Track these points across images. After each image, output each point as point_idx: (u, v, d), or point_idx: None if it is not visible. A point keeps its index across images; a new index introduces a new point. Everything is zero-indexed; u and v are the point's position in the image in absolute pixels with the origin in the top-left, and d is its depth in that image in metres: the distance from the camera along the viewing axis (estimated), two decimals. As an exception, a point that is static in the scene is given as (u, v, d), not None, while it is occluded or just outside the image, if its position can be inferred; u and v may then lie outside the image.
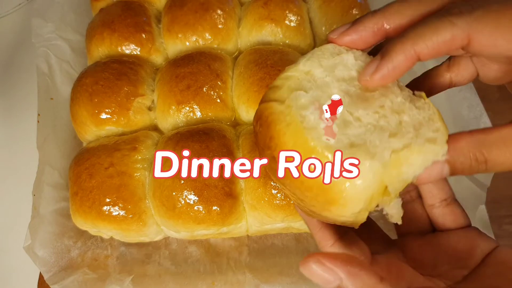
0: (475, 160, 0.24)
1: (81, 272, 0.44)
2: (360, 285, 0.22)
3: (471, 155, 0.24)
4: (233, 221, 0.42)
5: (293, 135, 0.24)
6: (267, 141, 0.25)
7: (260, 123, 0.26)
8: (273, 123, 0.25)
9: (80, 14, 0.60)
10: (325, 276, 0.23)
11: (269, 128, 0.25)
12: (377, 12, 0.26)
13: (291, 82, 0.26)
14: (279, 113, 0.25)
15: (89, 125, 0.48)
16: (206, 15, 0.52)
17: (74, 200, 0.44)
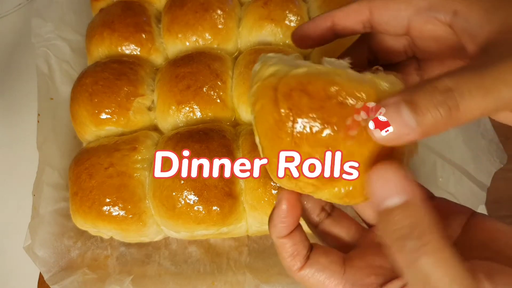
0: (437, 90, 0.20)
1: (81, 272, 0.44)
2: (422, 215, 0.19)
3: (430, 85, 0.20)
4: (233, 221, 0.42)
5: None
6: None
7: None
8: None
9: (80, 14, 0.60)
10: (393, 185, 0.20)
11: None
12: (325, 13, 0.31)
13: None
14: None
15: (89, 125, 0.48)
16: (206, 15, 0.52)
17: (74, 200, 0.44)
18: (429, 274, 0.19)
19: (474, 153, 0.47)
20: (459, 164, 0.47)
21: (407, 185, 0.20)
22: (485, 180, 0.46)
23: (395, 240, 0.19)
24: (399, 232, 0.19)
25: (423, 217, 0.19)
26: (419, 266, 0.19)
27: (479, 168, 0.47)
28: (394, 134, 0.20)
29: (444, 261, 0.19)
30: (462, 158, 0.47)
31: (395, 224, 0.19)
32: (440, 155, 0.48)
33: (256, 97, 0.25)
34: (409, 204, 0.19)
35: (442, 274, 0.19)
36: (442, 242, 0.19)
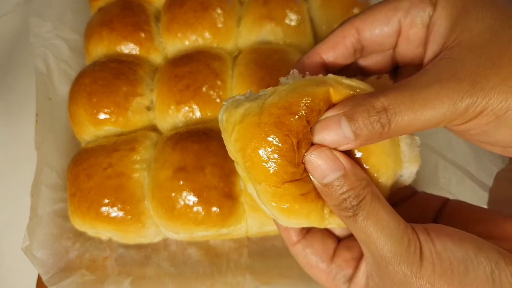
0: (373, 108, 0.22)
1: (79, 274, 0.44)
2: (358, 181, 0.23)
3: (367, 102, 0.23)
4: (233, 222, 0.42)
5: None
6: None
7: None
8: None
9: (79, 13, 0.60)
10: (327, 165, 0.23)
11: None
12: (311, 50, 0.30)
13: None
14: None
15: (87, 125, 0.47)
16: (206, 14, 0.51)
17: (72, 201, 0.44)
18: (366, 226, 0.23)
19: (475, 153, 0.47)
20: (461, 165, 0.47)
21: (337, 162, 0.23)
22: (487, 180, 0.46)
23: (338, 205, 0.24)
24: (340, 197, 0.23)
25: (356, 182, 0.23)
26: (358, 221, 0.23)
27: (481, 168, 0.46)
28: (331, 142, 0.23)
29: (377, 212, 0.23)
30: (464, 158, 0.47)
31: (336, 192, 0.23)
32: (441, 156, 0.48)
33: (242, 142, 0.24)
34: (343, 176, 0.23)
35: (375, 224, 0.22)
36: (376, 197, 0.23)
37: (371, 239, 0.23)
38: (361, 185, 0.23)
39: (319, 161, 0.23)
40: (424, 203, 0.30)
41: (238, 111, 0.25)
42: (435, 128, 0.52)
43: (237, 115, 0.25)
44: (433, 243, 0.22)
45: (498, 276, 0.21)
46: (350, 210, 0.23)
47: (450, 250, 0.22)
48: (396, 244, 0.22)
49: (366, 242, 0.23)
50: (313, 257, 0.29)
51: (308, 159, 0.24)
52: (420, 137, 0.31)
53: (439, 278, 0.21)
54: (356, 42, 0.28)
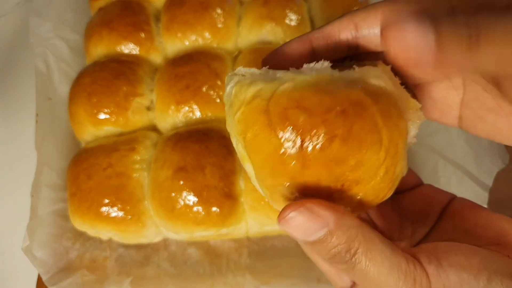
0: (467, 36, 0.19)
1: (79, 274, 0.44)
2: (347, 234, 0.21)
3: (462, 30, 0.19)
4: (233, 222, 0.42)
5: None
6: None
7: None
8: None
9: (79, 13, 0.59)
10: (308, 225, 0.21)
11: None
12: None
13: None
14: None
15: (87, 125, 0.47)
16: (206, 14, 0.51)
17: (72, 201, 0.44)
18: (368, 272, 0.21)
19: (476, 153, 0.47)
20: (461, 164, 0.47)
21: (318, 220, 0.21)
22: (487, 180, 0.46)
23: (331, 259, 0.22)
24: (332, 253, 0.21)
25: (345, 234, 0.21)
26: (357, 273, 0.21)
27: (481, 168, 0.46)
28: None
29: (377, 257, 0.21)
30: (464, 158, 0.47)
31: (325, 249, 0.21)
32: (442, 155, 0.48)
33: (244, 125, 0.22)
34: (328, 234, 0.21)
35: (377, 268, 0.21)
36: (369, 243, 0.21)
37: (376, 284, 0.21)
38: (351, 237, 0.21)
39: (297, 222, 0.21)
40: (430, 197, 0.29)
41: (250, 89, 0.23)
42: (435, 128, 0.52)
43: (247, 94, 0.23)
44: (446, 275, 0.21)
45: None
46: (345, 264, 0.21)
47: (464, 281, 0.20)
48: (403, 286, 0.21)
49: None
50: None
51: (284, 221, 0.21)
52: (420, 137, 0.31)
53: None
54: (352, 38, 0.26)
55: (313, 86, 0.22)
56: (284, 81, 0.22)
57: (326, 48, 0.27)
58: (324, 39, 0.27)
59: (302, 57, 0.27)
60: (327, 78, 0.22)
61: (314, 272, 0.42)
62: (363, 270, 0.21)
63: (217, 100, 0.47)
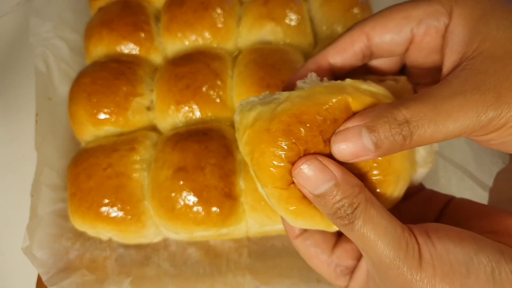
0: (394, 120, 0.22)
1: (79, 274, 0.44)
2: (351, 189, 0.23)
3: (389, 114, 0.22)
4: (233, 222, 0.42)
5: None
6: None
7: None
8: None
9: (79, 13, 0.59)
10: (317, 177, 0.23)
11: None
12: (317, 53, 0.29)
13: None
14: None
15: (87, 125, 0.47)
16: (206, 14, 0.51)
17: (72, 201, 0.44)
18: (363, 233, 0.22)
19: (476, 153, 0.47)
20: (461, 165, 0.47)
21: (327, 172, 0.23)
22: (487, 180, 0.46)
23: (333, 214, 0.23)
24: (335, 207, 0.23)
25: (349, 190, 0.23)
26: (355, 228, 0.23)
27: (481, 169, 0.46)
28: (351, 153, 0.23)
29: (373, 218, 0.23)
30: (464, 158, 0.47)
31: (330, 202, 0.23)
32: (442, 156, 0.48)
33: (251, 146, 0.25)
34: (334, 186, 0.23)
35: (372, 230, 0.22)
36: (370, 203, 0.23)
37: (369, 245, 0.23)
38: (354, 193, 0.23)
39: (309, 173, 0.23)
40: (429, 199, 0.30)
41: (250, 114, 0.25)
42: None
43: (249, 118, 0.25)
44: (433, 245, 0.22)
45: (499, 275, 0.21)
46: (345, 219, 0.23)
47: (451, 251, 0.22)
48: (394, 249, 0.22)
49: (365, 249, 0.23)
50: (313, 248, 0.29)
51: (297, 172, 0.23)
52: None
53: (440, 280, 0.21)
54: (365, 48, 0.28)
55: (308, 100, 0.24)
56: (281, 100, 0.25)
57: (342, 61, 0.28)
58: (339, 53, 0.28)
59: (321, 75, 0.28)
60: (320, 89, 0.25)
61: (314, 272, 0.42)
62: (360, 227, 0.23)
63: (217, 100, 0.47)
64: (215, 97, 0.47)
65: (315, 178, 0.23)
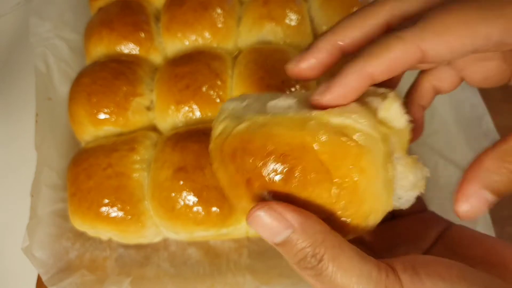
0: (511, 173, 0.21)
1: (79, 274, 0.44)
2: (313, 238, 0.21)
3: (504, 170, 0.21)
4: (233, 222, 0.42)
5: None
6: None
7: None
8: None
9: (79, 13, 0.60)
10: (273, 225, 0.21)
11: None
12: (327, 31, 0.26)
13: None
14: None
15: (87, 125, 0.47)
16: (206, 14, 0.51)
17: (72, 201, 0.44)
18: (335, 280, 0.20)
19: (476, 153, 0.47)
20: (461, 165, 0.47)
21: (283, 222, 0.21)
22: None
23: (298, 264, 0.22)
24: (298, 256, 0.21)
25: (310, 238, 0.21)
26: (325, 277, 0.21)
27: (481, 168, 0.46)
28: (477, 212, 0.22)
29: (344, 263, 0.21)
30: (464, 158, 0.47)
31: (291, 252, 0.22)
32: (442, 156, 0.48)
33: (211, 157, 0.26)
34: (293, 235, 0.21)
35: (346, 277, 0.20)
36: (338, 247, 0.21)
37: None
38: (317, 241, 0.21)
39: (264, 221, 0.22)
40: (429, 222, 0.29)
41: (219, 127, 0.25)
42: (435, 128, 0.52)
43: (216, 131, 0.25)
44: (422, 283, 0.20)
45: None
46: (312, 270, 0.21)
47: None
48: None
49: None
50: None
51: (251, 220, 0.22)
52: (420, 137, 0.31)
53: None
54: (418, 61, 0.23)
55: (264, 128, 0.23)
56: (244, 120, 0.24)
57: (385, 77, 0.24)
58: (387, 70, 0.23)
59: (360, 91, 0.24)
60: (280, 119, 0.23)
61: (314, 272, 0.42)
62: (330, 277, 0.21)
63: (217, 100, 0.47)
64: (215, 97, 0.47)
65: (270, 227, 0.22)
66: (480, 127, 0.48)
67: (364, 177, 0.23)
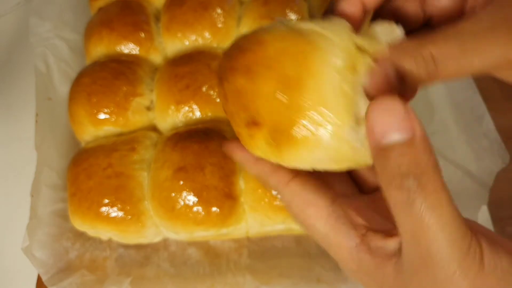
0: (420, 56, 0.21)
1: (79, 274, 0.44)
2: (426, 156, 0.19)
3: (416, 53, 0.22)
4: (233, 222, 0.42)
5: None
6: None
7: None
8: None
9: (79, 13, 0.60)
10: (398, 120, 0.18)
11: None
12: None
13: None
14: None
15: (87, 125, 0.47)
16: (206, 14, 0.51)
17: (72, 201, 0.44)
18: (423, 217, 0.18)
19: (476, 153, 0.47)
20: (461, 164, 0.47)
21: (409, 121, 0.18)
22: (488, 180, 0.46)
23: (392, 178, 0.18)
24: (398, 170, 0.18)
25: (423, 157, 0.18)
26: (414, 208, 0.18)
27: (482, 168, 0.46)
28: (376, 84, 0.22)
29: (440, 205, 0.18)
30: (465, 158, 0.47)
31: (394, 162, 0.18)
32: (442, 155, 0.48)
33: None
34: (410, 142, 0.18)
35: (436, 218, 0.18)
36: (441, 186, 0.19)
37: (425, 234, 0.18)
38: (429, 163, 0.18)
39: (383, 113, 0.18)
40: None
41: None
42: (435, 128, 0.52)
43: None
44: (498, 255, 0.19)
45: None
46: (406, 193, 0.18)
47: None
48: (456, 249, 0.18)
49: (416, 235, 0.18)
50: (311, 194, 0.24)
51: (371, 109, 0.19)
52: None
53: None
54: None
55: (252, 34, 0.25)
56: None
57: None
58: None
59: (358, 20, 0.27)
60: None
61: (314, 272, 0.42)
62: (423, 210, 0.18)
63: (217, 100, 0.47)
64: (215, 97, 0.47)
65: (389, 121, 0.18)
66: (481, 127, 0.48)
67: (309, 75, 0.23)
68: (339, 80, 0.22)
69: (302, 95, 0.22)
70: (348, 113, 0.22)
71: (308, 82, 0.22)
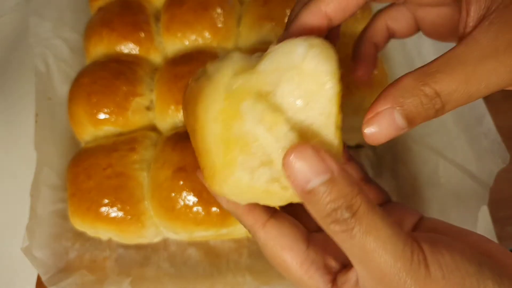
0: (425, 96, 0.21)
1: (79, 274, 0.44)
2: (350, 187, 0.20)
3: (419, 91, 0.21)
4: (233, 222, 0.42)
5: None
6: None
7: None
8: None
9: (78, 13, 0.59)
10: (312, 167, 0.20)
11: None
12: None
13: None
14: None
15: (87, 125, 0.47)
16: (206, 14, 0.51)
17: (72, 201, 0.44)
18: (363, 243, 0.19)
19: (476, 153, 0.47)
20: (462, 165, 0.47)
21: (323, 163, 0.20)
22: (488, 180, 0.46)
23: (327, 216, 0.20)
24: (329, 207, 0.20)
25: (347, 188, 0.20)
26: (354, 236, 0.19)
27: (482, 168, 0.46)
28: (384, 136, 0.21)
29: (375, 227, 0.19)
30: (465, 158, 0.47)
31: (323, 200, 0.20)
32: (442, 156, 0.48)
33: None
34: (331, 180, 0.20)
35: (375, 241, 0.19)
36: (371, 208, 0.20)
37: (369, 256, 0.20)
38: (354, 192, 0.20)
39: (299, 164, 0.20)
40: (400, 214, 0.28)
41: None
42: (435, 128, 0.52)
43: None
44: (442, 255, 0.20)
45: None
46: (342, 224, 0.20)
47: (459, 262, 0.20)
48: (400, 260, 0.19)
49: (363, 260, 0.20)
50: (287, 237, 0.25)
51: (287, 162, 0.20)
52: (420, 137, 0.31)
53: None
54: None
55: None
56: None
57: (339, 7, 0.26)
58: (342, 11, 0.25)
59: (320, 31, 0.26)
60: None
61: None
62: (362, 235, 0.19)
63: (217, 100, 0.47)
64: (215, 97, 0.47)
65: (307, 169, 0.20)
66: (480, 127, 0.48)
67: (198, 127, 0.24)
68: (219, 128, 0.22)
69: (196, 146, 0.24)
70: (232, 161, 0.22)
71: (197, 134, 0.24)
